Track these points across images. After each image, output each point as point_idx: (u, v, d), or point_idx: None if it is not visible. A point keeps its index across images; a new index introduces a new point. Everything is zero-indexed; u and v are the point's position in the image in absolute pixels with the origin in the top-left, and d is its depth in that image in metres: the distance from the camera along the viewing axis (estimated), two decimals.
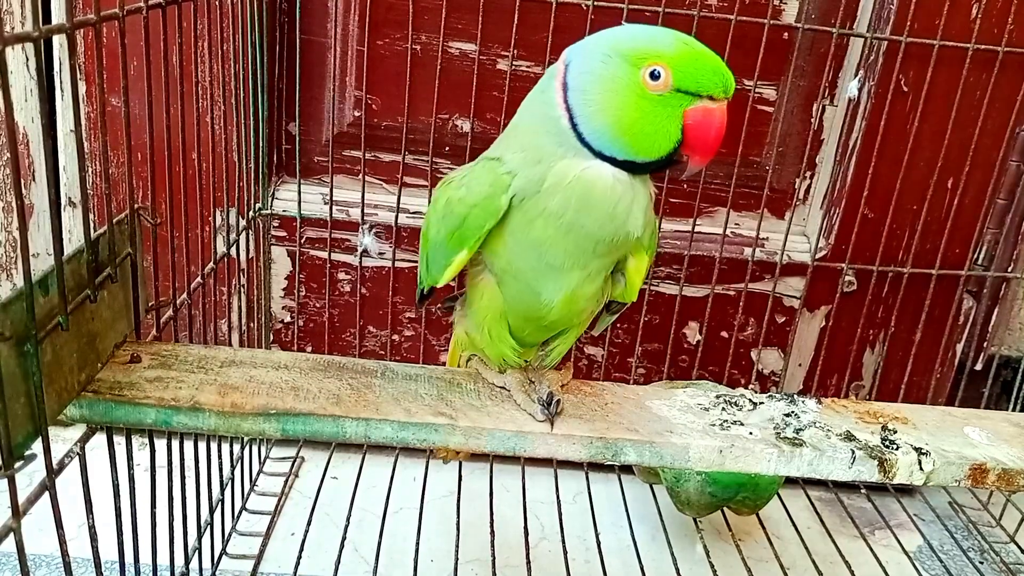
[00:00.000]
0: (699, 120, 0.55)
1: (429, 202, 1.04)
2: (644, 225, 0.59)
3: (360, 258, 1.08)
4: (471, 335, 0.68)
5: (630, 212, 0.58)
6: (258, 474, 1.07)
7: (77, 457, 0.53)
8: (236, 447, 0.99)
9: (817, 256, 1.09)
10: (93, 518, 0.56)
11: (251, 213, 0.99)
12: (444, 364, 1.11)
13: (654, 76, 0.54)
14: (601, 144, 0.56)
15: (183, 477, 0.75)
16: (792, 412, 0.66)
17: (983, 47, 0.99)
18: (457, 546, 0.93)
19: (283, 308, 1.11)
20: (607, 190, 0.57)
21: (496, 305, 0.64)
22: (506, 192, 0.58)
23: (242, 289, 1.01)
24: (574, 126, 0.57)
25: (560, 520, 1.01)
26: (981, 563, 1.08)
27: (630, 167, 0.57)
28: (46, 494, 0.48)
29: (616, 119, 0.55)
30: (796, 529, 1.04)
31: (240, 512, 0.99)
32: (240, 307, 1.00)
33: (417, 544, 0.92)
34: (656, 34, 0.55)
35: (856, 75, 1.04)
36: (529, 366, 0.69)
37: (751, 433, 0.62)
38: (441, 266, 0.62)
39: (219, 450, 0.90)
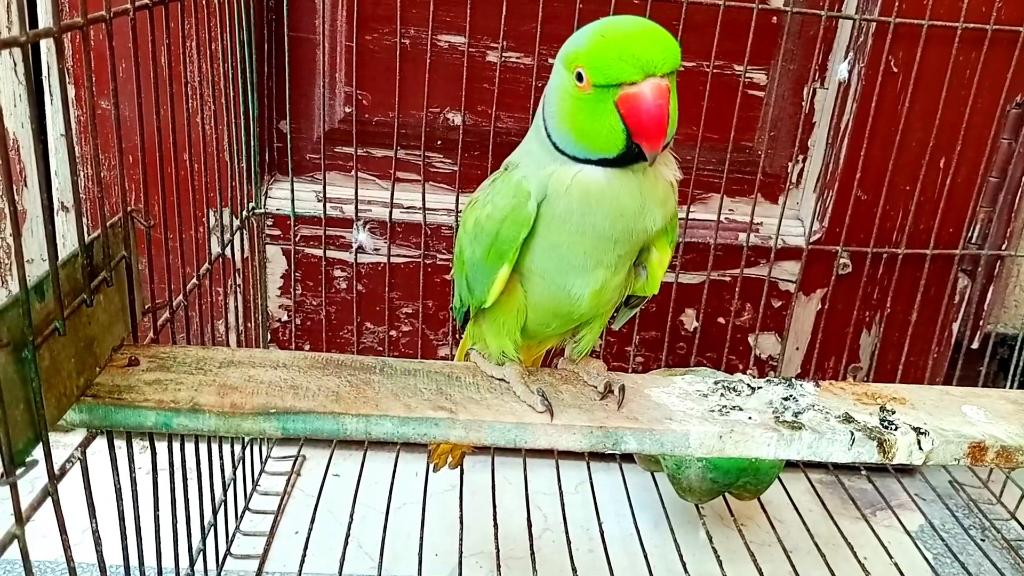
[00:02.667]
0: (627, 108, 0.53)
1: (422, 197, 1.05)
2: (662, 217, 0.59)
3: (355, 254, 1.08)
4: (481, 325, 0.68)
5: (643, 206, 0.58)
6: (260, 473, 1.07)
7: (78, 462, 0.53)
8: (237, 447, 0.99)
9: (811, 239, 1.09)
10: (96, 523, 0.56)
11: (245, 212, 0.99)
12: (442, 359, 1.11)
13: (579, 78, 0.54)
14: (571, 150, 0.57)
15: (185, 479, 0.75)
16: (791, 396, 0.66)
17: (972, 26, 0.99)
18: (461, 540, 0.93)
19: (280, 307, 1.11)
20: (604, 192, 0.57)
21: (515, 300, 0.64)
22: (530, 199, 0.58)
23: (238, 289, 1.01)
24: (549, 135, 0.59)
25: (563, 510, 1.01)
26: (982, 540, 1.08)
27: (615, 163, 0.56)
28: (49, 500, 0.48)
29: (569, 125, 0.56)
30: (798, 512, 1.05)
31: (243, 512, 0.99)
32: (237, 307, 1.00)
33: (421, 539, 0.92)
34: (586, 31, 0.55)
35: (846, 57, 1.04)
36: (565, 358, 0.70)
37: (750, 418, 0.62)
38: (485, 285, 0.63)
39: (220, 451, 0.90)
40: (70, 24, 0.48)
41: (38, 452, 0.47)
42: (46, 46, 0.95)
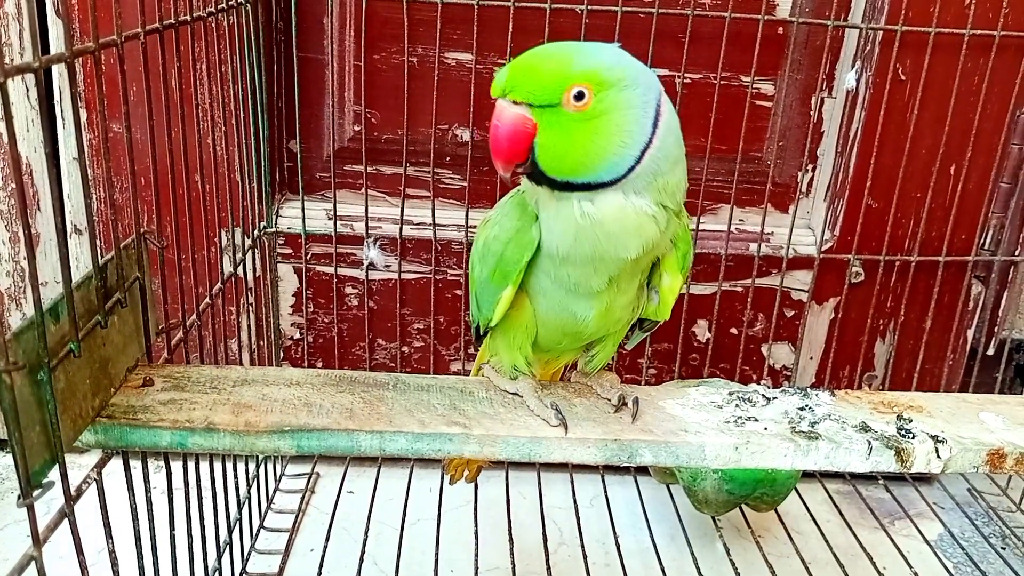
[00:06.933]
0: None
1: (432, 213, 1.05)
2: (638, 246, 0.56)
3: (366, 271, 1.08)
4: (495, 339, 0.68)
5: (606, 232, 0.55)
6: (274, 491, 1.07)
7: (94, 483, 0.53)
8: (252, 465, 0.99)
9: (823, 248, 1.09)
10: (113, 543, 0.56)
11: (256, 232, 0.99)
12: (455, 374, 1.11)
13: None
14: None
15: (200, 498, 0.75)
16: (806, 406, 0.66)
17: (979, 32, 0.99)
18: (476, 555, 0.93)
19: (292, 325, 1.11)
20: (560, 210, 0.56)
21: (525, 316, 0.64)
22: (535, 222, 0.59)
23: (250, 308, 1.01)
24: None
25: (578, 524, 1.00)
26: (1003, 548, 1.07)
27: (559, 186, 0.56)
28: (65, 521, 0.48)
29: None
30: (815, 523, 1.04)
31: (258, 530, 0.99)
32: (249, 326, 1.00)
33: (436, 555, 0.92)
34: None
35: (853, 66, 1.04)
36: (578, 371, 0.70)
37: (766, 428, 0.62)
38: (491, 304, 0.63)
39: (235, 469, 0.90)
40: (82, 49, 0.48)
41: (54, 473, 0.47)
42: (58, 71, 0.96)
